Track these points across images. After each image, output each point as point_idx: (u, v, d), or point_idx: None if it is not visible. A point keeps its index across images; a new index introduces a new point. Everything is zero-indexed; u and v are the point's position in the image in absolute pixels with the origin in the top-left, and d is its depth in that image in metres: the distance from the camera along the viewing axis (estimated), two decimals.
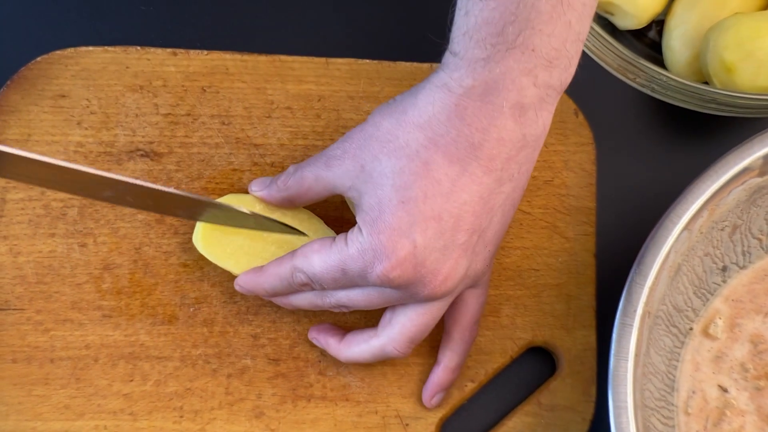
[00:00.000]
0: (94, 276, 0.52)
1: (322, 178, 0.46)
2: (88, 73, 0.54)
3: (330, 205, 0.53)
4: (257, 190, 0.49)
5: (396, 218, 0.43)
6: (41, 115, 0.53)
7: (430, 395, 0.51)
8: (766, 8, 0.55)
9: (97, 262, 0.52)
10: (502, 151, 0.43)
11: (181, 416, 0.51)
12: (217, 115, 0.54)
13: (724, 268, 0.51)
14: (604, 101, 0.57)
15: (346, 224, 0.53)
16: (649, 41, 0.58)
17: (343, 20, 0.58)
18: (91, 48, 0.54)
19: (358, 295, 0.46)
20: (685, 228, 0.46)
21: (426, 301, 0.46)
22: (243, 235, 0.50)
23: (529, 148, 0.44)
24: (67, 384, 0.51)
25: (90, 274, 0.52)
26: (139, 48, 0.54)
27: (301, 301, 0.49)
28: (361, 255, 0.44)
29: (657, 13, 0.56)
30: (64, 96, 0.54)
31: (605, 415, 0.44)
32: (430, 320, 0.47)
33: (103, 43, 0.54)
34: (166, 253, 0.52)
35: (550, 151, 0.55)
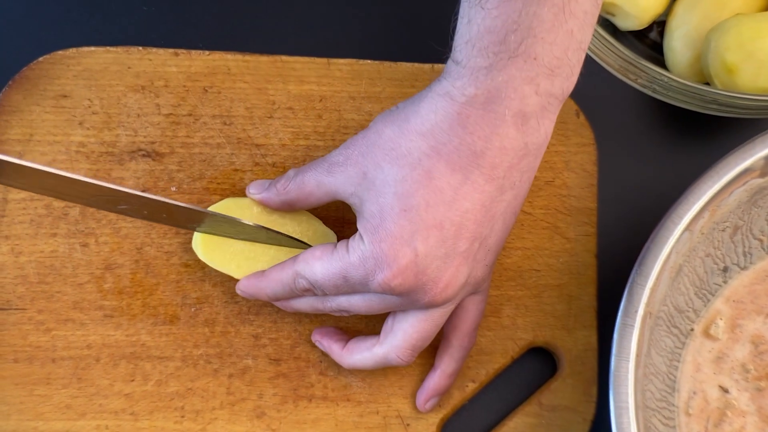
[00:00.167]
0: (95, 276, 0.52)
1: (324, 184, 0.46)
2: (90, 74, 0.54)
3: (331, 205, 0.53)
4: (256, 193, 0.49)
5: (398, 226, 0.43)
6: (43, 115, 0.53)
7: (424, 399, 0.51)
8: (767, 9, 0.55)
9: (99, 262, 0.52)
10: (504, 160, 0.43)
11: (183, 416, 0.51)
12: (219, 116, 0.54)
13: (725, 269, 0.51)
14: (605, 102, 0.57)
15: (347, 225, 0.53)
16: (650, 42, 0.58)
17: (345, 21, 0.58)
18: (93, 48, 0.54)
19: (359, 301, 0.46)
20: (687, 229, 0.46)
21: (427, 308, 0.46)
22: (240, 240, 0.50)
23: (530, 156, 0.44)
24: (69, 384, 0.51)
25: (91, 274, 0.52)
26: (141, 48, 0.54)
27: (303, 305, 0.49)
28: (362, 263, 0.44)
29: (658, 14, 0.56)
30: (66, 96, 0.54)
31: (606, 416, 0.44)
32: (431, 327, 0.47)
33: (105, 44, 0.54)
34: (167, 253, 0.52)
35: (552, 151, 0.55)
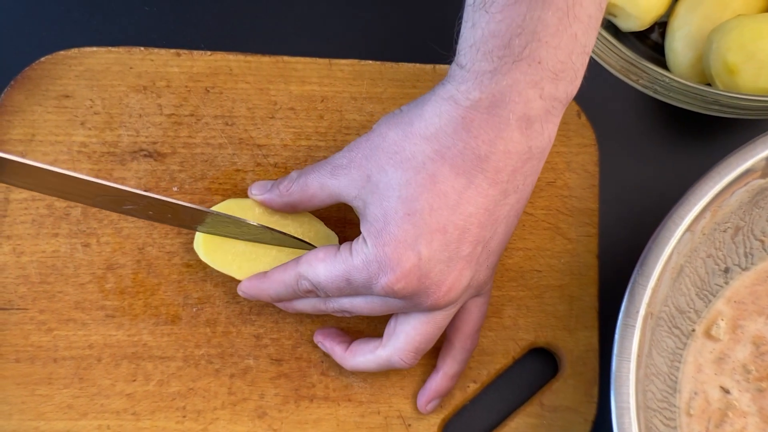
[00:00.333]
0: (97, 276, 0.52)
1: (327, 187, 0.46)
2: (91, 74, 0.54)
3: (332, 206, 0.52)
4: (258, 194, 0.49)
5: (401, 230, 0.43)
6: (45, 116, 0.53)
7: (426, 401, 0.51)
8: None
9: (101, 262, 0.52)
10: (509, 164, 0.43)
11: (184, 416, 0.51)
12: (221, 116, 0.54)
13: (727, 270, 0.51)
14: (606, 103, 0.57)
15: (348, 226, 0.53)
16: (651, 43, 0.59)
17: (346, 21, 0.58)
18: (94, 48, 0.54)
19: (361, 303, 0.46)
20: (688, 229, 0.46)
21: (429, 311, 0.46)
22: (243, 240, 0.50)
23: (534, 160, 0.44)
24: (70, 384, 0.51)
25: (93, 274, 0.52)
26: (142, 49, 0.54)
27: (305, 305, 0.49)
28: (365, 266, 0.44)
29: (660, 14, 0.56)
30: (67, 96, 0.54)
31: (607, 416, 0.44)
32: (434, 330, 0.47)
33: (107, 44, 0.55)
34: (169, 253, 0.53)
35: (553, 152, 0.55)
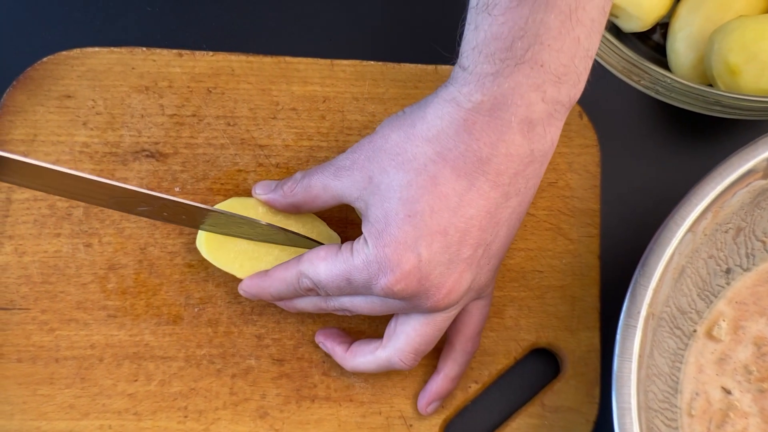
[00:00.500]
0: (99, 276, 0.52)
1: (330, 188, 0.46)
2: (93, 74, 0.54)
3: (334, 206, 0.52)
4: (262, 194, 0.49)
5: (402, 232, 0.43)
6: (47, 116, 0.53)
7: (426, 402, 0.51)
8: None
9: (102, 262, 0.52)
10: (510, 166, 0.43)
11: (186, 416, 0.51)
12: (223, 116, 0.54)
13: (728, 271, 0.51)
14: (608, 103, 0.57)
15: (350, 225, 0.53)
16: (653, 44, 0.59)
17: (348, 22, 0.58)
18: (97, 49, 0.54)
19: (362, 302, 0.46)
20: (689, 230, 0.46)
21: (429, 313, 0.46)
22: (245, 239, 0.50)
23: (536, 163, 0.44)
24: (72, 384, 0.51)
25: (95, 274, 0.52)
26: (144, 49, 0.55)
27: (306, 304, 0.49)
28: (366, 266, 0.44)
29: (661, 15, 0.56)
30: (69, 96, 0.54)
31: (609, 417, 0.44)
32: (434, 331, 0.47)
33: (109, 44, 0.55)
34: (171, 253, 0.53)
35: (555, 152, 0.54)
